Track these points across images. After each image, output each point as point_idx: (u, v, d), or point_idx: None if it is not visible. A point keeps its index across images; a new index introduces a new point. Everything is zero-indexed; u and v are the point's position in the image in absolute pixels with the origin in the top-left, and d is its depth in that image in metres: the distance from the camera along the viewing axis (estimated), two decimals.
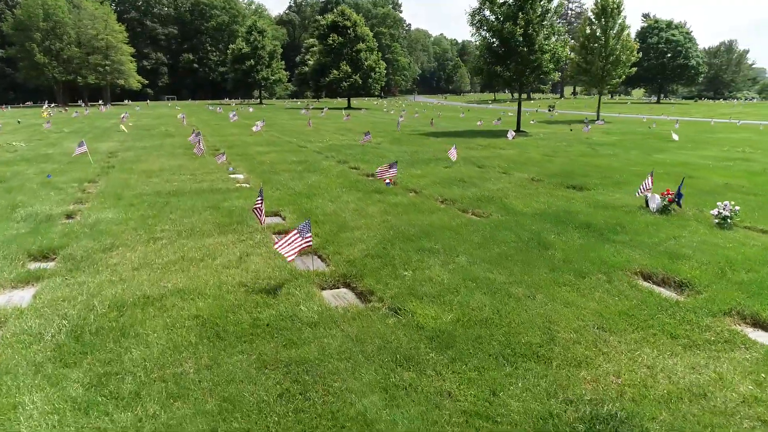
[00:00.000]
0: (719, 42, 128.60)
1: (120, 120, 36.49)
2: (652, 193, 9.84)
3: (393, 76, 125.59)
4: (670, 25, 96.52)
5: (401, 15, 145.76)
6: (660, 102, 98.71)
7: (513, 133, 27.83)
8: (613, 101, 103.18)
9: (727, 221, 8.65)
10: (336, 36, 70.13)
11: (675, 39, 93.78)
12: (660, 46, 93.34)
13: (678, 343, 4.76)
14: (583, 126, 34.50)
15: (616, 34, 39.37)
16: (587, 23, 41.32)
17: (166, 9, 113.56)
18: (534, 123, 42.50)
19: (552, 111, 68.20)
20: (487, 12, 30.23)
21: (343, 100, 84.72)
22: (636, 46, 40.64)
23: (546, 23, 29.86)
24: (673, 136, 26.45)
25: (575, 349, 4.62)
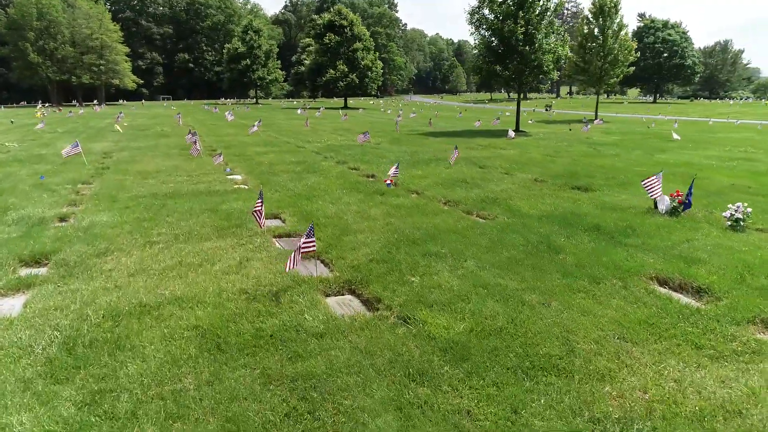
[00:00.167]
0: (714, 42, 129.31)
1: (115, 120, 36.05)
2: (661, 195, 9.62)
3: (389, 75, 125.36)
4: (666, 25, 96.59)
5: (397, 15, 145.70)
6: (656, 102, 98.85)
7: (513, 133, 27.65)
8: (609, 101, 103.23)
9: (740, 223, 8.44)
10: (332, 35, 69.71)
11: (671, 39, 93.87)
12: (656, 45, 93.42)
13: (704, 354, 4.53)
14: (582, 126, 34.35)
15: (614, 33, 39.22)
16: (585, 22, 41.18)
17: (161, 8, 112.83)
18: (532, 123, 42.34)
19: (550, 110, 68.11)
20: (487, 11, 30.06)
21: (340, 99, 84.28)
22: (634, 45, 40.49)
23: (545, 22, 29.71)
24: (674, 135, 26.32)
25: (597, 362, 4.38)
